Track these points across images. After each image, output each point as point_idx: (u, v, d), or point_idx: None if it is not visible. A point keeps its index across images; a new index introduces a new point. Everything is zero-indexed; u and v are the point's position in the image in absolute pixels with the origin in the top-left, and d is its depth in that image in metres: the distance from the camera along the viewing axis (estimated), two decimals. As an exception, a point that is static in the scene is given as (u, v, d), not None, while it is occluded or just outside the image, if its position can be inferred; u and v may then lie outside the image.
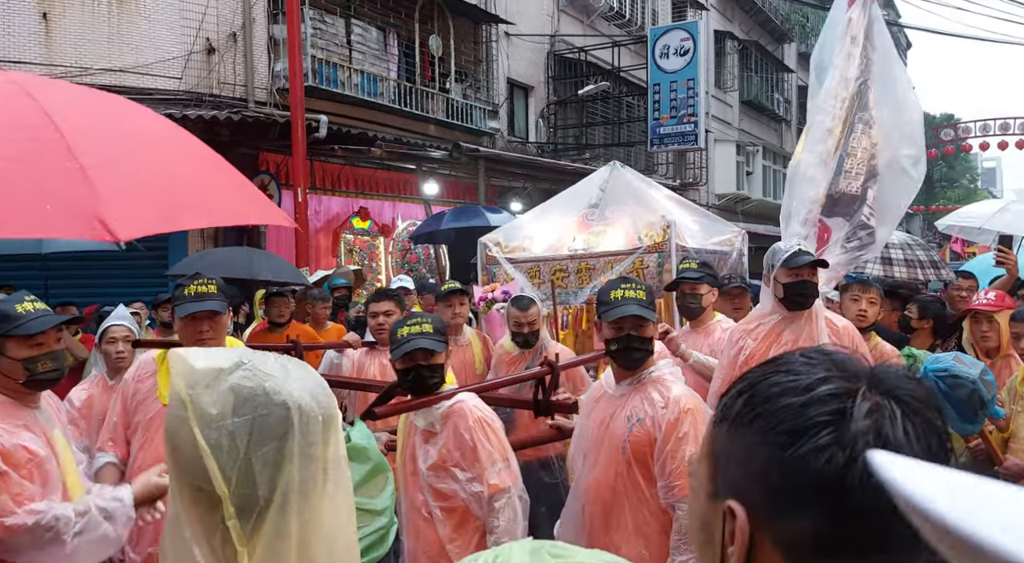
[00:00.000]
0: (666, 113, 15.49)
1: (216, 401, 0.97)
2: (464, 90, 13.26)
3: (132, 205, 2.34)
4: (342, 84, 10.66)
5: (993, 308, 3.88)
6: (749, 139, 22.09)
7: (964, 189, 45.70)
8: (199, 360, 1.01)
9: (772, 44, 24.21)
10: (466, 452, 2.64)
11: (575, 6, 16.03)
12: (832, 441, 0.66)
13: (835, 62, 4.32)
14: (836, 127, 4.23)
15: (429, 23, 12.32)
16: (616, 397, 2.67)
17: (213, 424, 0.96)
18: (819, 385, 0.69)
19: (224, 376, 0.99)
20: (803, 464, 0.66)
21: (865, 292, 4.14)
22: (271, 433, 0.98)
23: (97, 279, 8.40)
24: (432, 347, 2.68)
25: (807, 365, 0.71)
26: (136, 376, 3.05)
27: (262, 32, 10.22)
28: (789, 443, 0.67)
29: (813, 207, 4.13)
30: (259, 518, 0.97)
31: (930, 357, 3.36)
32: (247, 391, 0.99)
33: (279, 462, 0.98)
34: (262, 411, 0.98)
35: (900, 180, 4.36)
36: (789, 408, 0.68)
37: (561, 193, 6.76)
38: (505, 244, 6.10)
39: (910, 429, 0.67)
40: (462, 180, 12.57)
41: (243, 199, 2.87)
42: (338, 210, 11.09)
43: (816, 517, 0.66)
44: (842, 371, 0.70)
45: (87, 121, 2.53)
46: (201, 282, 3.00)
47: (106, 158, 2.39)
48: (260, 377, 1.00)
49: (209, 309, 2.94)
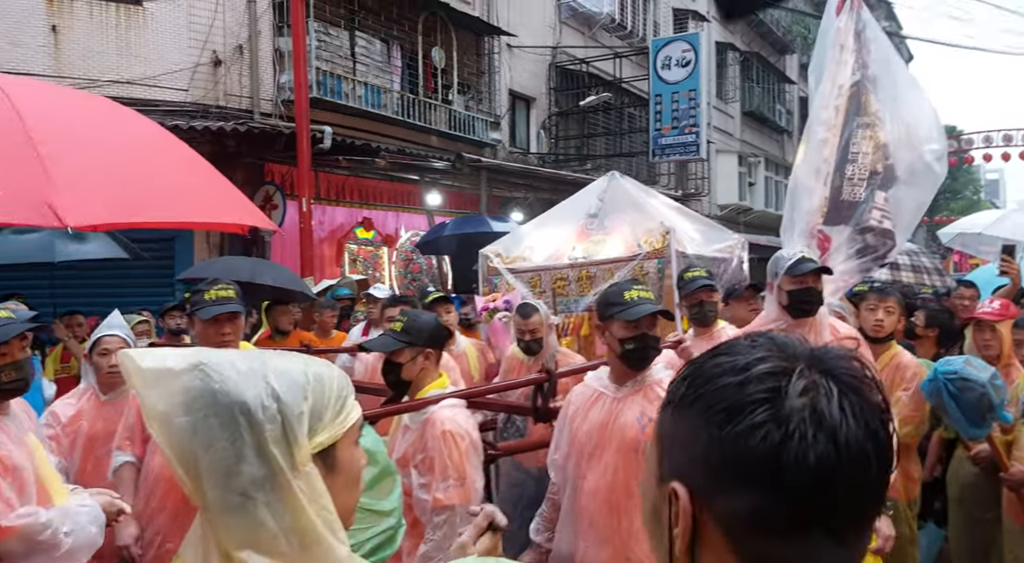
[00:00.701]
0: (668, 124, 15.56)
1: (164, 400, 1.00)
2: (466, 102, 13.34)
3: (86, 194, 2.35)
4: (346, 96, 10.75)
5: (997, 317, 3.91)
6: (751, 150, 22.15)
7: (967, 201, 45.68)
8: (147, 360, 1.03)
9: (774, 55, 24.32)
10: (425, 459, 2.67)
11: (577, 18, 16.13)
12: (768, 418, 0.66)
13: (826, 70, 4.32)
14: (831, 136, 4.23)
15: (432, 35, 12.43)
16: (618, 398, 2.68)
17: (162, 421, 1.00)
18: (756, 364, 0.70)
19: (177, 376, 1.01)
20: (740, 442, 0.66)
21: (882, 301, 4.06)
22: (216, 435, 0.99)
23: (104, 288, 8.45)
24: (382, 347, 2.83)
25: (749, 347, 0.72)
26: None
27: (267, 44, 10.32)
28: (726, 421, 0.67)
29: (810, 218, 4.13)
30: (221, 512, 0.99)
31: (941, 360, 3.37)
32: (195, 392, 1.00)
33: (231, 462, 0.99)
34: (206, 413, 1.00)
35: (925, 177, 4.28)
36: (727, 387, 0.69)
37: (560, 203, 6.81)
38: (506, 255, 6.16)
39: (847, 406, 0.67)
40: (464, 191, 12.64)
41: (219, 200, 2.90)
42: (342, 220, 11.16)
43: (754, 494, 0.66)
44: (781, 351, 0.71)
45: (56, 116, 2.56)
46: (220, 287, 3.04)
47: (67, 150, 2.41)
48: (212, 379, 1.01)
49: (230, 311, 2.98)
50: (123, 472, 3.00)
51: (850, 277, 4.27)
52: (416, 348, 2.81)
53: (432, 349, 2.87)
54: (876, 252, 4.23)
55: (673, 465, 0.73)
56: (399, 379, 2.84)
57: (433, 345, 2.87)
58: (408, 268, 12.36)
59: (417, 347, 2.81)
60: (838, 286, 4.22)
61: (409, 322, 2.84)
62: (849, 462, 0.66)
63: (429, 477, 2.64)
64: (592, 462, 2.68)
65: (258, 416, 1.00)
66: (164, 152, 2.89)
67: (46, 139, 2.35)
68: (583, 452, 2.72)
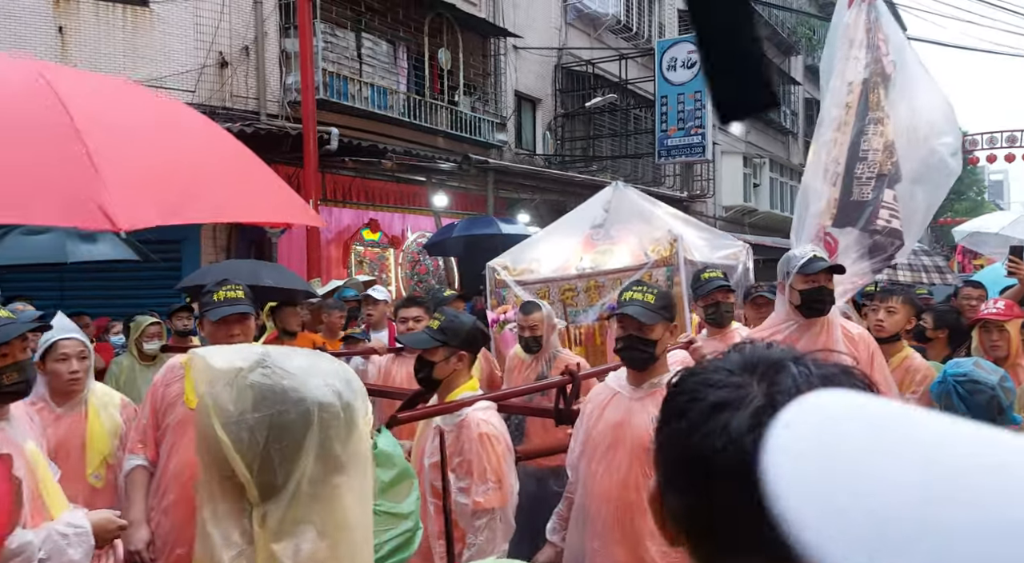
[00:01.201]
0: (673, 125, 15.56)
1: (234, 399, 1.02)
2: (472, 103, 13.36)
3: (136, 193, 2.25)
4: (352, 97, 10.77)
5: (1003, 317, 3.90)
6: (756, 151, 22.13)
7: (971, 202, 45.58)
8: (217, 359, 1.05)
9: (779, 57, 24.28)
10: (463, 462, 2.67)
11: (582, 19, 16.14)
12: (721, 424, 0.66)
13: (836, 67, 4.25)
14: (840, 136, 4.17)
15: (438, 37, 12.44)
16: (633, 399, 2.68)
17: (232, 420, 1.01)
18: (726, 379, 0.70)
19: (244, 374, 1.03)
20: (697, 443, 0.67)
21: (883, 301, 4.04)
22: (288, 429, 1.02)
23: (112, 289, 8.48)
24: (420, 344, 2.80)
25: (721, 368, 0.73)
26: (164, 380, 3.08)
27: (274, 46, 10.34)
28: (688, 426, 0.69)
29: (817, 221, 4.07)
30: (277, 504, 1.01)
31: (950, 362, 3.37)
32: (266, 389, 1.03)
33: (296, 455, 1.02)
34: (280, 408, 1.02)
35: (938, 173, 4.21)
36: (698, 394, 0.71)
37: (566, 215, 6.82)
38: (513, 267, 6.16)
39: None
40: (471, 192, 12.65)
41: (268, 197, 2.82)
42: (349, 222, 11.17)
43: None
44: (744, 363, 0.71)
45: (101, 107, 2.46)
46: (229, 288, 3.03)
47: (114, 144, 2.31)
48: (279, 376, 1.04)
49: (240, 312, 2.97)
50: (135, 475, 2.98)
51: (859, 279, 4.22)
52: (450, 348, 2.79)
53: (466, 352, 2.84)
54: (884, 253, 4.16)
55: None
56: (430, 377, 2.81)
57: (468, 347, 2.84)
58: (415, 269, 12.37)
59: (451, 347, 2.79)
60: (846, 288, 4.14)
61: (447, 321, 2.81)
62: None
63: (468, 480, 2.64)
64: (604, 461, 2.69)
65: (331, 411, 1.04)
66: (212, 145, 2.76)
67: (93, 132, 2.23)
68: (596, 451, 2.74)
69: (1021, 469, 0.41)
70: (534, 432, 4.31)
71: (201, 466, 1.07)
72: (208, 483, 1.05)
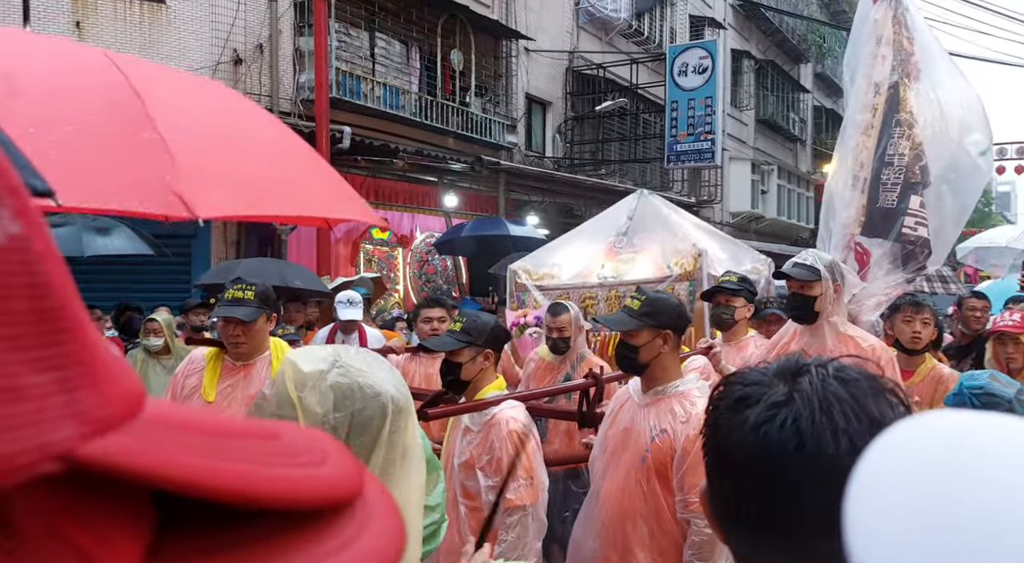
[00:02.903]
0: (683, 130, 15.57)
1: (320, 401, 1.05)
2: (483, 104, 13.38)
3: (210, 182, 2.20)
4: (365, 96, 10.80)
5: (1019, 329, 3.91)
6: (764, 158, 22.13)
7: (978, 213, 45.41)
8: (305, 363, 1.08)
9: (788, 64, 24.29)
10: (492, 460, 2.67)
11: (594, 23, 16.16)
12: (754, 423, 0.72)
13: (862, 68, 4.07)
14: (867, 139, 4.02)
15: (451, 38, 12.47)
16: (640, 406, 2.69)
17: (318, 421, 1.04)
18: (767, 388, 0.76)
19: (325, 376, 1.07)
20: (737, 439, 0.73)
21: (918, 312, 3.89)
22: (367, 424, 1.05)
23: (122, 283, 8.52)
24: (445, 346, 2.79)
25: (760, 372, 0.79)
26: (185, 371, 3.10)
27: (288, 44, 10.38)
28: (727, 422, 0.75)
29: (846, 230, 3.97)
30: None
31: (966, 374, 3.37)
32: (345, 388, 1.06)
33: (372, 449, 1.05)
34: (359, 406, 1.06)
35: (971, 176, 4.05)
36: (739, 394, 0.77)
37: (588, 221, 6.80)
38: (534, 271, 6.15)
39: (824, 422, 0.70)
40: (481, 193, 12.67)
41: (333, 195, 2.78)
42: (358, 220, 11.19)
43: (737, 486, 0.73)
44: (777, 368, 0.77)
45: (171, 95, 2.40)
46: (240, 287, 3.02)
47: (186, 132, 2.25)
48: (354, 373, 1.08)
49: (235, 316, 2.95)
50: None
51: (893, 290, 4.11)
52: (476, 348, 2.79)
53: (492, 350, 2.84)
54: (917, 261, 4.04)
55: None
56: (458, 379, 2.81)
57: (493, 346, 2.84)
58: (423, 269, 12.40)
59: (477, 347, 2.79)
60: (880, 300, 4.08)
61: (469, 322, 2.81)
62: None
63: (499, 479, 2.62)
64: (611, 464, 2.71)
65: (398, 404, 1.09)
66: (275, 138, 2.72)
67: (165, 120, 2.17)
68: (606, 452, 2.75)
69: None
70: (555, 435, 4.32)
71: None
72: None
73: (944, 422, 0.48)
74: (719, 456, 0.76)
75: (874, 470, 0.46)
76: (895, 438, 0.48)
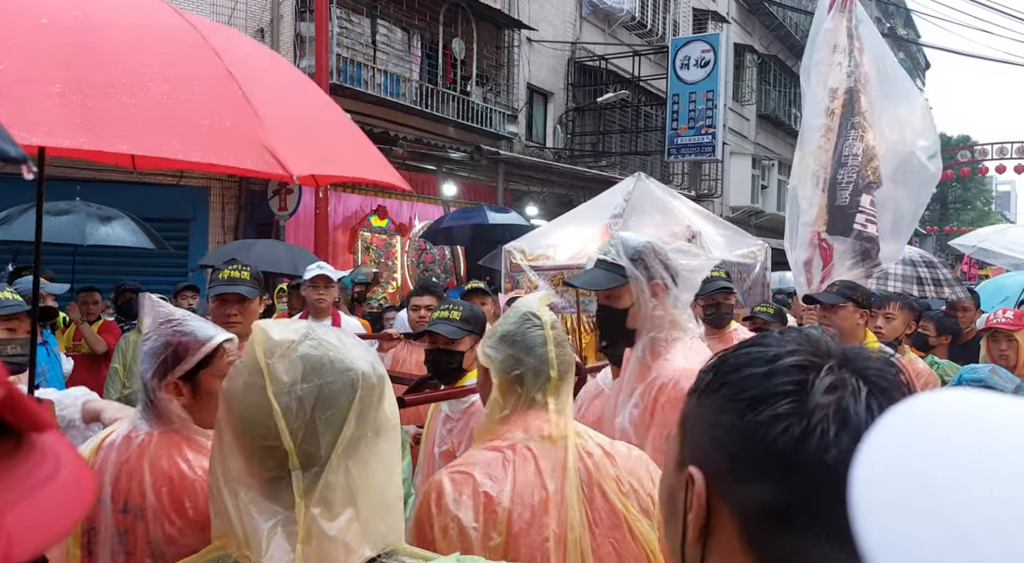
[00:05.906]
0: (684, 123, 15.55)
1: (287, 369, 1.05)
2: (484, 93, 13.35)
3: (295, 142, 2.14)
4: (365, 83, 10.77)
5: (1013, 327, 3.92)
6: (765, 153, 22.11)
7: (978, 211, 45.55)
8: (276, 332, 1.09)
9: (791, 59, 24.23)
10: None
11: (597, 15, 16.11)
12: (791, 411, 0.65)
13: (816, 72, 4.24)
14: (826, 142, 4.15)
15: (453, 26, 12.43)
16: (611, 396, 2.68)
17: (284, 390, 1.04)
18: (785, 356, 0.69)
19: (295, 346, 1.07)
20: (760, 432, 0.66)
21: (880, 308, 4.00)
22: (334, 398, 1.06)
23: (120, 267, 8.51)
24: (449, 334, 2.76)
25: (779, 340, 0.72)
26: None
27: (289, 29, 10.34)
28: (749, 410, 0.67)
29: (812, 228, 4.06)
30: (317, 472, 1.04)
31: (966, 367, 3.37)
32: (315, 360, 1.07)
33: (339, 424, 1.06)
34: (328, 379, 1.06)
35: (918, 177, 4.19)
36: (753, 376, 0.69)
37: (585, 203, 6.82)
38: (529, 252, 6.17)
39: (874, 407, 0.65)
40: (480, 183, 12.66)
41: (371, 155, 2.76)
42: (357, 207, 11.19)
43: (768, 486, 0.65)
44: (812, 346, 0.71)
45: (243, 54, 2.36)
46: (235, 267, 3.06)
47: (264, 91, 2.19)
48: (325, 347, 1.08)
49: (236, 292, 2.99)
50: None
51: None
52: (474, 337, 2.78)
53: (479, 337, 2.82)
54: (871, 259, 4.16)
55: (693, 450, 0.73)
56: (459, 367, 2.79)
57: (482, 333, 2.81)
58: (421, 258, 12.39)
59: (475, 335, 2.78)
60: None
61: (467, 311, 2.81)
62: None
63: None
64: None
65: (369, 382, 1.09)
66: (327, 102, 2.73)
67: (245, 79, 2.08)
68: None
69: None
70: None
71: (225, 434, 1.09)
72: (235, 450, 1.07)
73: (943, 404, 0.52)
74: (753, 457, 0.70)
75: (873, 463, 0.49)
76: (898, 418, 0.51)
